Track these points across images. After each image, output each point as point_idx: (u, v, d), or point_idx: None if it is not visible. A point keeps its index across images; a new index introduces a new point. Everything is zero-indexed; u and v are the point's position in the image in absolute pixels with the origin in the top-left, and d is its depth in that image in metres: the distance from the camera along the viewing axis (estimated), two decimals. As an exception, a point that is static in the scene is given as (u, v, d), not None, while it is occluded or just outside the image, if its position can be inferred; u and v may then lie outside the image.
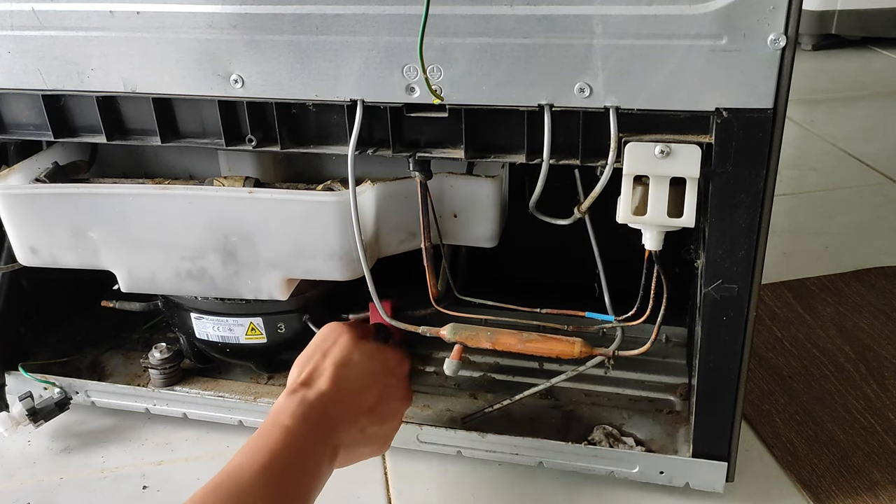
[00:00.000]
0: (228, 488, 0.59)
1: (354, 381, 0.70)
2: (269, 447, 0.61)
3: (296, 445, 0.63)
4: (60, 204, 0.76)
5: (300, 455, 0.63)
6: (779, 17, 0.55)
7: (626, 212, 0.64)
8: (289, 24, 0.63)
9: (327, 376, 0.69)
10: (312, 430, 0.64)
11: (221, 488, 0.59)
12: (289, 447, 0.62)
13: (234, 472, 0.60)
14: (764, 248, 0.64)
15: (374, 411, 0.71)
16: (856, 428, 0.86)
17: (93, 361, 0.95)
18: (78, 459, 0.86)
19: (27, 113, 0.74)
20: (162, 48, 0.67)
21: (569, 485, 0.80)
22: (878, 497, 0.78)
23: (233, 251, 0.75)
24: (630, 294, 0.75)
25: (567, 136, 0.64)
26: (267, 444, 0.62)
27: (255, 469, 0.60)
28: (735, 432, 0.73)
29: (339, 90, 0.66)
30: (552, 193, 0.68)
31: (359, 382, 0.71)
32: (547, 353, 0.74)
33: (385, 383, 0.73)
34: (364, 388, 0.71)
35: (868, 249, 1.24)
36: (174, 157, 0.88)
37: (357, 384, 0.70)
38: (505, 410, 0.84)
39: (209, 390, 0.88)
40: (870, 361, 0.97)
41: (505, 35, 0.60)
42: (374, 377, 0.72)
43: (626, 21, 0.58)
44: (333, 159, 0.84)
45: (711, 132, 0.61)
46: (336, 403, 0.68)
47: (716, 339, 0.69)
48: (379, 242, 0.77)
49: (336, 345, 0.73)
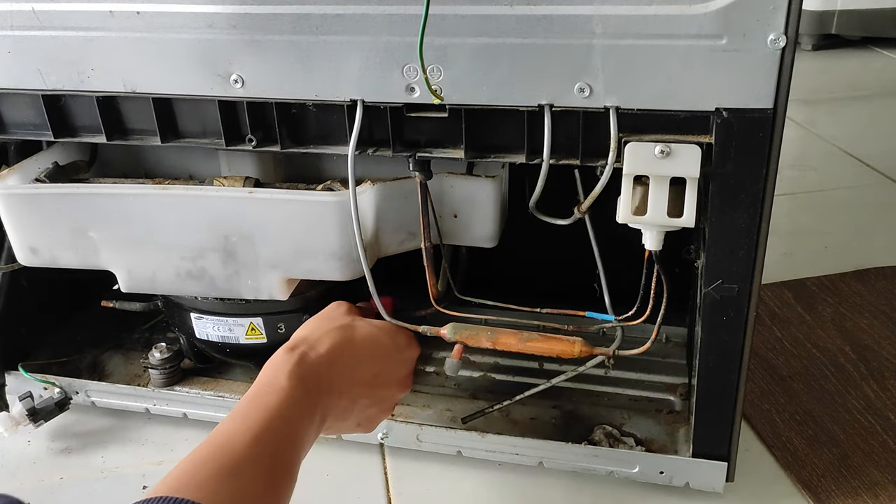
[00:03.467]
0: (221, 460, 0.56)
1: (357, 350, 0.69)
2: (262, 413, 0.60)
3: (289, 413, 0.61)
4: (60, 204, 0.76)
5: (292, 423, 0.61)
6: (779, 17, 0.55)
7: (626, 212, 0.64)
8: (289, 24, 0.63)
9: (331, 340, 0.68)
10: (306, 395, 0.63)
11: (214, 459, 0.57)
12: (282, 415, 0.60)
13: (226, 441, 0.58)
14: (764, 248, 0.64)
15: (370, 386, 0.69)
16: (856, 428, 0.86)
17: (93, 361, 0.95)
18: (78, 459, 0.86)
19: (27, 113, 0.74)
20: (162, 48, 0.67)
21: (569, 485, 0.80)
22: (878, 497, 0.78)
23: (233, 251, 0.75)
24: (630, 294, 0.75)
25: (567, 136, 0.64)
26: (260, 409, 0.60)
27: (248, 439, 0.58)
28: (735, 432, 0.73)
29: (339, 90, 0.66)
30: (552, 193, 0.68)
31: (361, 353, 0.70)
32: (547, 352, 0.74)
33: (388, 362, 0.72)
34: (365, 359, 0.70)
35: (868, 249, 1.24)
36: (174, 157, 0.88)
37: (359, 354, 0.69)
38: (505, 410, 0.84)
39: (209, 390, 0.88)
40: (870, 361, 0.97)
41: (505, 35, 0.60)
42: (379, 352, 0.71)
43: (626, 21, 0.58)
44: (333, 159, 0.84)
45: (711, 132, 0.61)
46: (334, 368, 0.66)
47: (716, 339, 0.69)
48: (379, 242, 0.77)
49: (345, 314, 0.72)
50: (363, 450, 0.85)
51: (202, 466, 0.56)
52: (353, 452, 0.85)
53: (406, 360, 0.75)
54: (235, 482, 0.55)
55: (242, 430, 0.59)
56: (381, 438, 0.83)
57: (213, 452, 0.57)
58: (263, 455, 0.58)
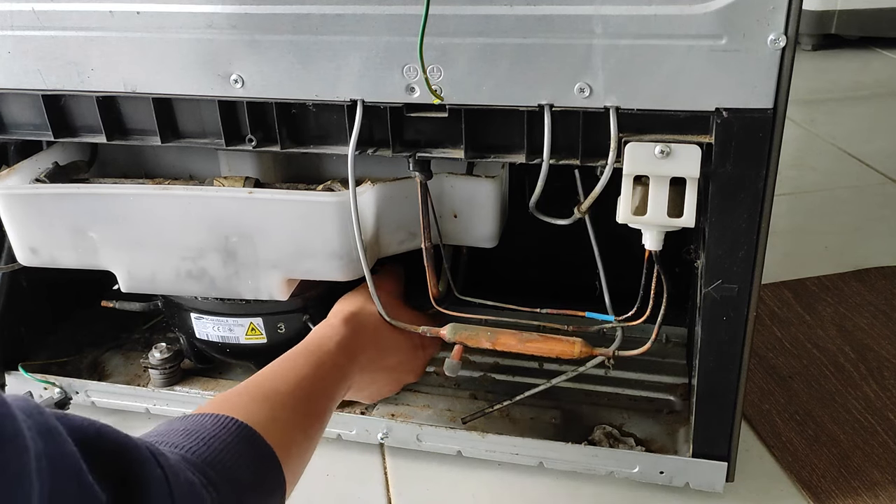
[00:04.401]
0: (263, 388, 0.63)
1: (390, 341, 0.78)
2: (306, 365, 0.67)
3: (328, 374, 0.68)
4: (60, 204, 0.76)
5: (329, 382, 0.68)
6: (779, 17, 0.55)
7: (626, 212, 0.64)
8: (289, 24, 0.63)
9: (374, 325, 0.76)
10: (347, 364, 0.71)
11: (257, 385, 0.63)
12: (323, 373, 0.68)
13: (271, 375, 0.65)
14: (764, 248, 0.64)
15: (390, 371, 0.79)
16: (856, 428, 0.86)
17: (93, 361, 0.95)
18: (78, 459, 0.86)
19: (27, 113, 0.74)
20: (162, 48, 0.67)
21: (569, 485, 0.80)
22: (878, 497, 0.78)
23: (233, 251, 0.75)
24: (630, 294, 0.75)
25: (567, 136, 0.64)
26: (306, 362, 0.68)
27: (290, 379, 0.65)
28: (735, 432, 0.73)
29: (339, 90, 0.66)
30: (552, 193, 0.68)
31: (392, 344, 0.78)
32: (547, 353, 0.74)
33: (410, 355, 0.81)
34: (393, 350, 0.78)
35: (868, 249, 1.24)
36: (174, 157, 0.88)
37: (390, 345, 0.78)
38: (505, 410, 0.84)
39: (209, 390, 0.88)
40: (870, 361, 0.97)
41: (505, 35, 0.60)
42: (405, 345, 0.79)
43: (626, 21, 0.58)
44: (333, 159, 0.84)
45: (711, 132, 0.61)
46: (370, 351, 0.75)
47: (716, 339, 0.69)
48: (379, 242, 0.77)
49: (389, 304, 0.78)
50: (363, 450, 0.85)
51: (245, 393, 0.62)
52: (353, 452, 0.85)
53: (424, 356, 0.84)
54: (270, 410, 0.60)
55: (286, 372, 0.66)
56: (381, 438, 0.83)
57: (259, 382, 0.64)
58: (300, 394, 0.64)
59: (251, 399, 0.61)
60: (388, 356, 0.78)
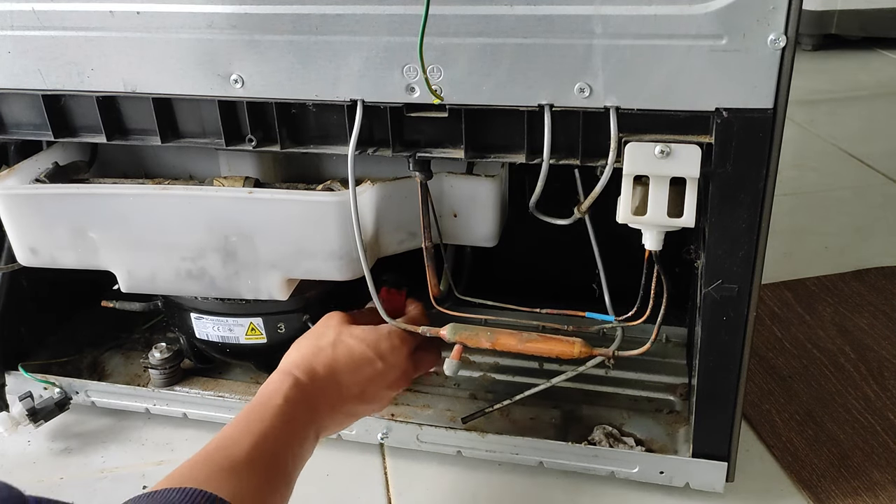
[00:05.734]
0: (219, 460, 0.59)
1: (346, 366, 0.71)
2: (261, 423, 0.63)
3: (286, 427, 0.64)
4: (60, 204, 0.76)
5: (289, 436, 0.64)
6: (779, 17, 0.55)
7: (626, 212, 0.64)
8: (289, 24, 0.63)
9: (319, 363, 0.70)
10: (303, 414, 0.66)
11: (212, 460, 0.59)
12: (279, 427, 0.64)
13: (224, 444, 0.61)
14: (764, 248, 0.64)
15: (360, 398, 0.72)
16: (856, 428, 0.86)
17: (93, 361, 0.95)
18: (78, 459, 0.86)
19: (27, 113, 0.74)
20: (162, 48, 0.67)
21: (569, 485, 0.80)
22: (878, 497, 0.78)
23: (233, 251, 0.75)
24: (630, 294, 0.75)
25: (567, 136, 0.64)
26: (259, 420, 0.63)
27: (246, 443, 0.61)
28: (735, 432, 0.73)
29: (339, 90, 0.66)
30: (552, 193, 0.68)
31: (350, 368, 0.71)
32: (547, 353, 0.74)
33: (374, 372, 0.72)
34: (355, 372, 0.71)
35: (868, 249, 1.24)
36: (174, 157, 0.88)
37: (349, 370, 0.71)
38: (505, 410, 0.84)
39: (209, 390, 0.88)
40: (870, 361, 0.97)
41: (505, 35, 0.60)
42: (362, 365, 0.72)
43: (626, 21, 0.58)
44: (333, 159, 0.84)
45: (711, 132, 0.61)
46: (327, 390, 0.69)
47: (716, 339, 0.69)
48: (379, 242, 0.77)
49: (332, 328, 0.74)
50: (363, 450, 0.85)
51: (200, 465, 0.59)
52: (353, 452, 0.85)
53: (394, 365, 0.74)
54: (235, 480, 0.58)
55: (243, 436, 0.62)
56: (381, 438, 0.83)
57: (210, 454, 0.60)
58: (262, 459, 0.61)
59: (217, 468, 0.58)
60: (347, 386, 0.71)
